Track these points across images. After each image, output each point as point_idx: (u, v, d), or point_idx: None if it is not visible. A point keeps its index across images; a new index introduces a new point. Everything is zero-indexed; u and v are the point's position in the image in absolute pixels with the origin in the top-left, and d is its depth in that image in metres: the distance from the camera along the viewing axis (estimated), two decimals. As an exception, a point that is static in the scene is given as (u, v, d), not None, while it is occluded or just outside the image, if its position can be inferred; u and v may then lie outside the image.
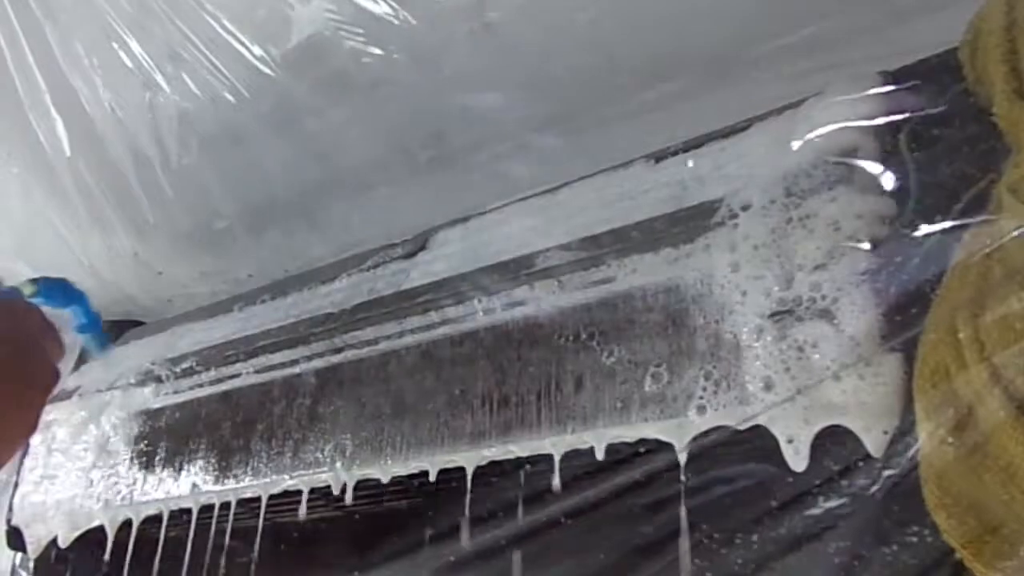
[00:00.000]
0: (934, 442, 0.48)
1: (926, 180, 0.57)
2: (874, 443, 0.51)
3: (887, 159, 0.59)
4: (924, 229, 0.55)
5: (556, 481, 0.64)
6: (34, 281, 0.77)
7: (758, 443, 0.56)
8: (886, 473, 0.50)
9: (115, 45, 0.90)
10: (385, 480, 0.73)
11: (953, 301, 0.50)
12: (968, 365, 0.47)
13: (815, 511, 0.52)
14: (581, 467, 0.63)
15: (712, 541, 0.56)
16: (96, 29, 0.89)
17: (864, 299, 0.54)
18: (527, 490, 0.68)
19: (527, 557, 0.68)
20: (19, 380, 0.53)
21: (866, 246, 0.55)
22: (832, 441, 0.53)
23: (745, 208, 0.60)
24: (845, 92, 0.64)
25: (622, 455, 0.62)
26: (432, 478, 0.71)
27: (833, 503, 0.51)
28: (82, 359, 1.16)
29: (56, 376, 0.58)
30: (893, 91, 0.62)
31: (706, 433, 0.57)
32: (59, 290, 0.81)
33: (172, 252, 1.09)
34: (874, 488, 0.50)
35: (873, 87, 0.63)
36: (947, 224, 0.54)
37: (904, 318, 0.52)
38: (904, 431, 0.50)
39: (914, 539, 0.49)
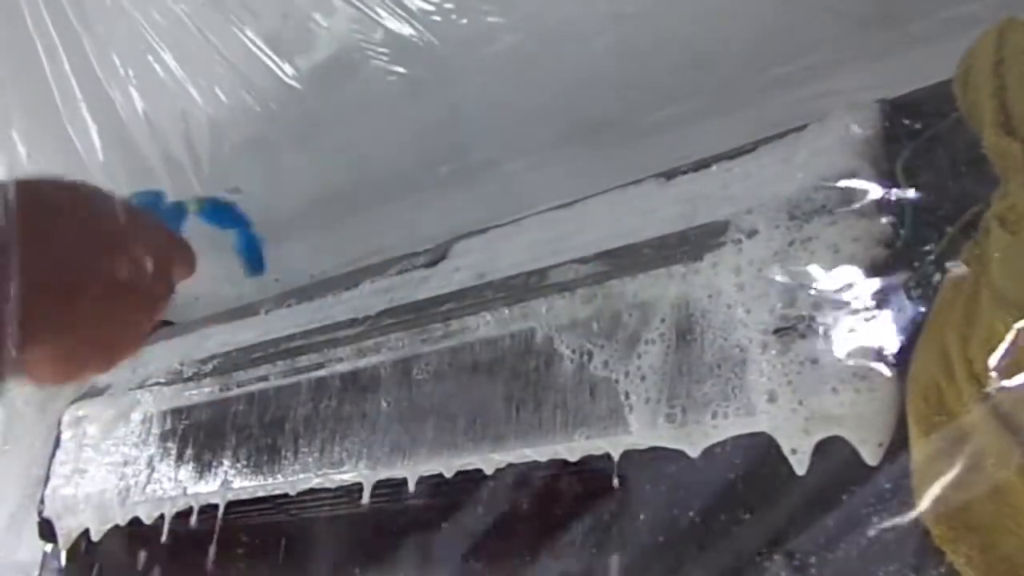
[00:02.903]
0: (924, 453, 0.51)
1: (921, 205, 0.60)
2: (870, 454, 0.54)
3: (884, 184, 0.63)
4: (918, 252, 0.58)
5: (572, 485, 0.67)
6: (201, 200, 0.80)
7: (764, 451, 0.59)
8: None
9: (150, 57, 0.93)
10: (411, 480, 0.76)
11: (944, 322, 0.53)
12: (957, 382, 0.50)
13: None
14: (597, 471, 0.67)
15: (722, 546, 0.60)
16: (132, 41, 0.93)
17: (861, 317, 0.57)
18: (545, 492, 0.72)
19: (541, 557, 0.71)
20: (133, 291, 0.52)
21: (864, 267, 0.59)
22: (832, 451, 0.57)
23: (751, 235, 0.64)
24: (846, 118, 0.68)
25: (635, 461, 0.65)
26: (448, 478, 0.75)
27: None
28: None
29: (170, 290, 0.58)
30: (892, 118, 0.66)
31: (716, 442, 0.61)
32: (222, 212, 0.83)
33: (201, 255, 1.12)
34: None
35: (873, 114, 0.67)
36: (940, 248, 0.57)
37: (898, 336, 0.56)
38: (898, 443, 0.53)
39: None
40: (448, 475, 0.75)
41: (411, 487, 0.77)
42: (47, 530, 1.14)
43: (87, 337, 0.49)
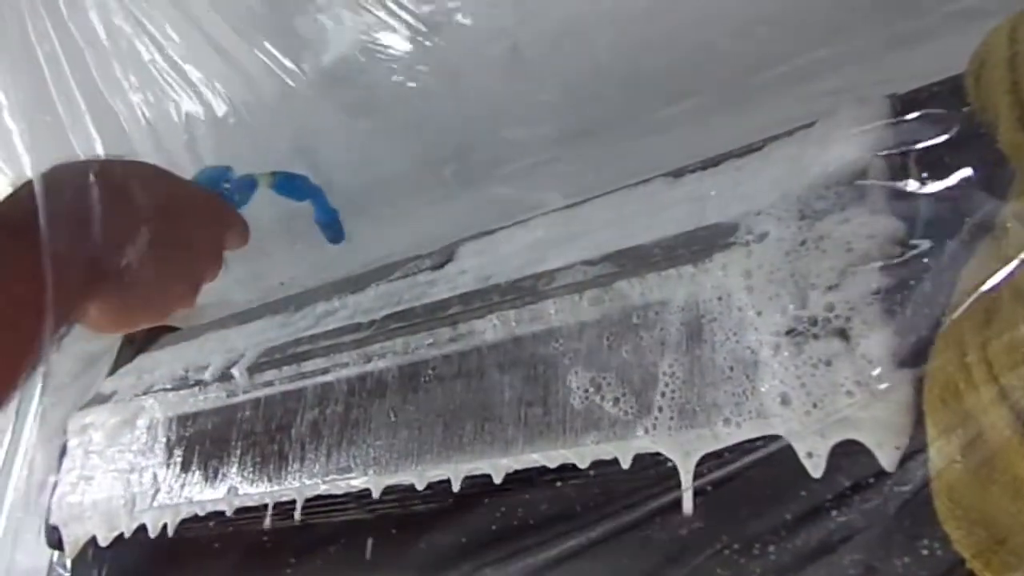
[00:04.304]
0: (944, 458, 0.50)
1: (935, 202, 0.59)
2: (887, 458, 0.53)
3: (897, 181, 0.62)
4: (933, 250, 0.57)
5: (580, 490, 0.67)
6: (273, 174, 0.82)
7: (776, 456, 0.58)
8: (898, 488, 0.52)
9: (153, 68, 0.93)
10: (419, 486, 0.75)
11: (962, 322, 0.52)
12: (976, 384, 0.49)
13: (831, 523, 0.54)
14: (606, 477, 0.66)
15: (732, 551, 0.59)
16: (134, 53, 0.92)
17: (876, 318, 0.56)
18: (551, 499, 0.71)
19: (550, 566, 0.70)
20: (185, 254, 0.60)
21: (877, 267, 0.58)
22: (847, 455, 0.55)
23: (761, 237, 0.63)
24: (856, 114, 0.67)
25: (645, 465, 0.64)
26: (456, 486, 0.74)
27: (848, 516, 0.54)
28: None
29: (219, 256, 0.65)
30: (902, 114, 0.65)
31: (727, 446, 0.60)
32: (294, 184, 0.85)
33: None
34: (888, 502, 0.52)
35: (883, 110, 0.66)
36: (955, 245, 0.56)
37: (915, 337, 0.55)
38: (915, 447, 0.52)
39: (926, 551, 0.52)
40: (456, 481, 0.74)
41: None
42: (54, 537, 1.14)
43: (142, 293, 0.57)
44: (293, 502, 0.87)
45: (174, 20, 0.88)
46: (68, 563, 1.15)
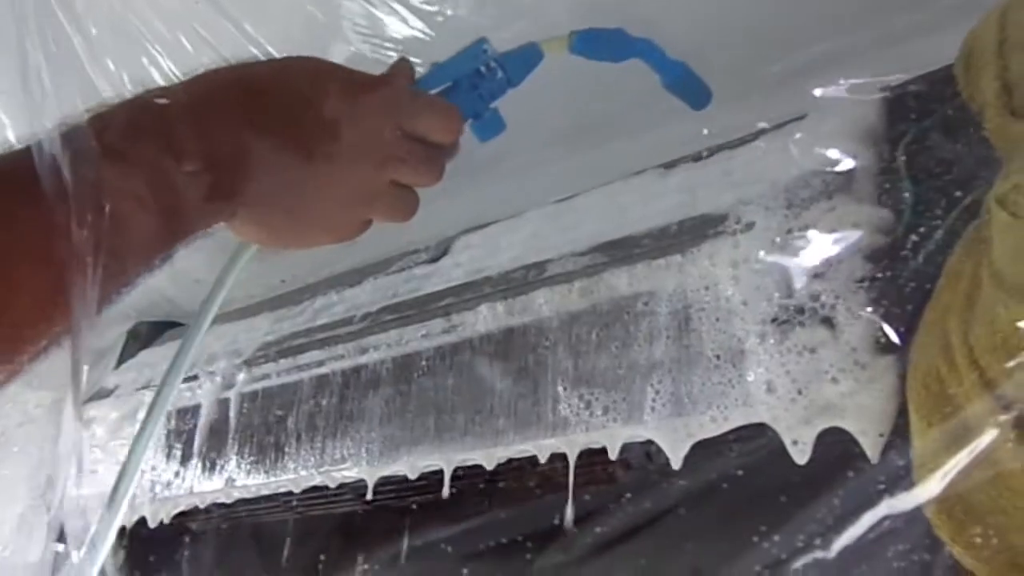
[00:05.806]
0: (925, 442, 0.50)
1: (922, 190, 0.59)
2: (871, 446, 0.53)
3: (884, 170, 0.61)
4: (919, 238, 0.57)
5: (571, 479, 0.67)
6: (570, 35, 0.58)
7: (764, 443, 0.58)
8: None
9: (145, 60, 0.92)
10: (412, 476, 0.76)
11: (944, 307, 0.52)
12: (958, 369, 0.49)
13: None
14: (596, 466, 0.66)
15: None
16: (127, 45, 0.92)
17: (861, 306, 0.56)
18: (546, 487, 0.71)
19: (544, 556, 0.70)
20: (354, 173, 0.50)
21: (863, 254, 0.58)
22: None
23: (748, 226, 0.63)
24: (846, 105, 0.67)
25: (635, 454, 0.64)
26: (447, 475, 0.75)
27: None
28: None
29: (405, 150, 0.52)
30: (891, 104, 0.65)
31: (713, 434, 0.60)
32: (608, 41, 0.59)
33: (208, 262, 1.12)
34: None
35: (873, 101, 0.66)
36: (941, 233, 0.56)
37: (900, 324, 0.55)
38: (898, 433, 0.52)
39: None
40: (448, 470, 0.74)
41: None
42: (58, 530, 1.14)
43: (294, 208, 0.49)
44: (290, 493, 0.88)
45: (165, 13, 0.88)
46: (74, 555, 1.16)
